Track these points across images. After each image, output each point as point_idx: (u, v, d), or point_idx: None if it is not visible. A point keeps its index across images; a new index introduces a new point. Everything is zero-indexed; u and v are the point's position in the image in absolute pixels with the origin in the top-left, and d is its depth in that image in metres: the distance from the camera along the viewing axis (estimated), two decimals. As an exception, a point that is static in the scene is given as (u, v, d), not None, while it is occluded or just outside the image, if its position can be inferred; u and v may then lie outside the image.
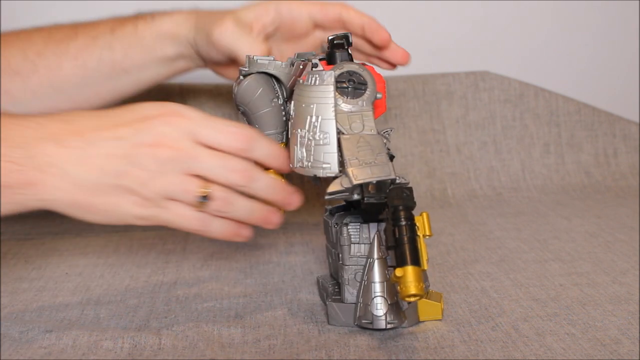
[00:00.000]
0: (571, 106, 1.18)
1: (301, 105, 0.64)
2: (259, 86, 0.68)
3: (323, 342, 0.64)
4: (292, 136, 0.65)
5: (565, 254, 0.85)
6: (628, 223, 0.96)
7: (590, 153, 1.17)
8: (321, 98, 0.63)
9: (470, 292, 0.74)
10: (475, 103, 1.16)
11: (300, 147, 0.64)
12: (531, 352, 0.61)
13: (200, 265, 0.83)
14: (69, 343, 0.64)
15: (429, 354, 0.61)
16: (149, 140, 0.59)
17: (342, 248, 0.66)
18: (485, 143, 1.16)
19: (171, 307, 0.71)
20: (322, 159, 0.63)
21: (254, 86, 0.68)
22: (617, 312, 0.68)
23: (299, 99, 0.64)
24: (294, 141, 0.65)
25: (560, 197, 1.10)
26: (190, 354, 0.62)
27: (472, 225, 0.96)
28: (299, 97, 0.64)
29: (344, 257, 0.66)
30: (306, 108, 0.63)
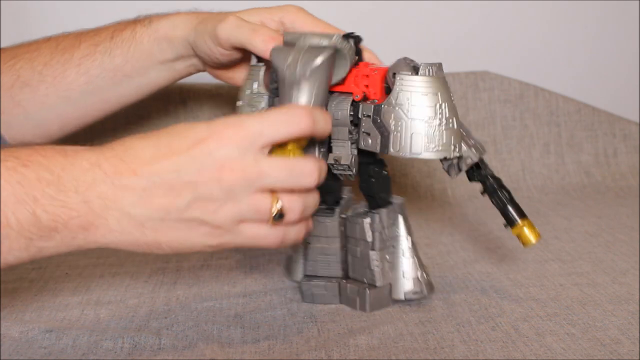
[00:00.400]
0: (571, 106, 1.18)
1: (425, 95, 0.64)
2: None
3: (323, 342, 0.64)
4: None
5: (565, 254, 0.85)
6: (628, 223, 0.96)
7: (590, 153, 1.17)
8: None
9: (470, 292, 0.74)
10: (475, 103, 1.16)
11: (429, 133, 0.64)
12: (531, 352, 0.61)
13: (200, 265, 0.83)
14: (69, 343, 0.64)
15: (429, 354, 0.61)
16: (210, 167, 0.55)
17: (375, 235, 0.70)
18: (485, 143, 1.16)
19: (171, 307, 0.71)
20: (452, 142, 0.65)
21: None
22: (617, 312, 0.68)
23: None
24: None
25: (560, 197, 1.10)
26: (190, 354, 0.62)
27: (472, 225, 0.96)
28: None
29: (376, 245, 0.69)
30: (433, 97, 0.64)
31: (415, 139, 0.64)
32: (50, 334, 0.66)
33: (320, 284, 0.71)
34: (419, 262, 0.71)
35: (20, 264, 0.55)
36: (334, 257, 0.71)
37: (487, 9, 1.20)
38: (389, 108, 0.65)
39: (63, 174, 0.54)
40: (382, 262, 0.70)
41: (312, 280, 0.71)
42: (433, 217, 1.01)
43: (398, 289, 0.70)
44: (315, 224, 0.69)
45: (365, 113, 0.66)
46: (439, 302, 0.71)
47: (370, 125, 0.66)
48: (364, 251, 0.70)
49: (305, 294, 0.72)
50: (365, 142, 0.67)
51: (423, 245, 0.89)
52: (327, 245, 0.71)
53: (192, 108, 1.08)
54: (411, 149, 0.64)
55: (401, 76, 0.65)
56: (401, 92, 0.64)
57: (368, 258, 0.70)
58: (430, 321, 0.67)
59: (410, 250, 0.71)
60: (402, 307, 0.70)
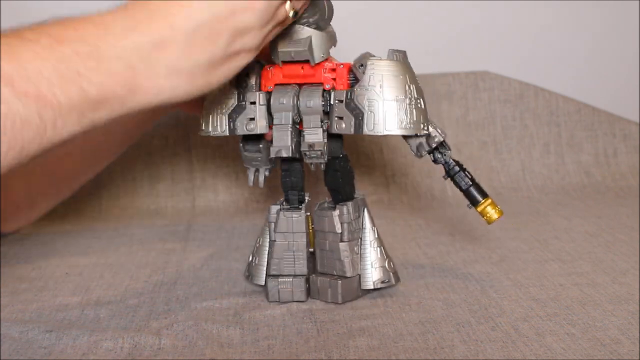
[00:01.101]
0: (571, 106, 1.18)
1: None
2: None
3: (322, 342, 0.64)
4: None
5: (565, 254, 0.85)
6: (628, 223, 0.96)
7: (590, 153, 1.17)
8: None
9: (470, 292, 0.74)
10: (475, 103, 1.16)
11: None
12: (531, 352, 0.61)
13: (200, 265, 0.83)
14: (69, 343, 0.64)
15: (429, 354, 0.61)
16: (243, 3, 0.57)
17: (344, 227, 0.72)
18: (485, 143, 1.16)
19: (171, 307, 0.71)
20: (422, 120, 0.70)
21: None
22: (617, 312, 0.68)
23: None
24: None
25: (560, 197, 1.10)
26: (190, 354, 0.62)
27: (472, 225, 0.96)
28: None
29: (345, 236, 0.71)
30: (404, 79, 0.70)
31: (389, 117, 0.68)
32: (50, 334, 0.66)
33: (287, 280, 0.72)
34: (385, 252, 0.74)
35: (74, 137, 0.54)
36: (300, 254, 0.72)
37: (487, 9, 1.20)
38: (362, 90, 0.69)
39: (101, 44, 0.53)
40: (351, 253, 0.72)
41: (279, 279, 0.72)
42: (433, 217, 1.01)
43: (367, 278, 0.73)
44: (281, 220, 0.71)
45: (337, 99, 0.70)
46: (439, 302, 0.72)
47: (342, 109, 0.69)
48: (333, 243, 0.72)
49: (270, 292, 0.72)
50: (338, 126, 0.70)
51: (423, 245, 0.89)
52: (294, 241, 0.72)
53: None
54: (385, 126, 0.68)
55: (372, 60, 0.69)
56: (373, 75, 0.69)
57: (338, 250, 0.72)
58: (430, 321, 0.67)
59: (377, 240, 0.74)
60: (402, 306, 0.71)
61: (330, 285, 0.72)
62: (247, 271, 0.75)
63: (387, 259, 0.74)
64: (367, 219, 0.74)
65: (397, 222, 0.99)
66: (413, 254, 0.86)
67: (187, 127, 1.09)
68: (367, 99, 0.68)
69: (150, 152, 1.11)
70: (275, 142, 0.70)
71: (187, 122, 1.09)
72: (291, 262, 0.72)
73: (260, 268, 0.73)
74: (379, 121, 0.68)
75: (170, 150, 1.10)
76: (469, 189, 0.74)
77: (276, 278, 0.72)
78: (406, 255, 0.85)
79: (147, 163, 1.11)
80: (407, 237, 0.92)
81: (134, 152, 1.08)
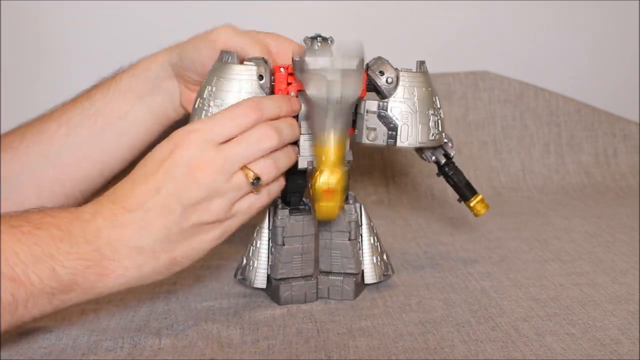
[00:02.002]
0: (571, 106, 1.18)
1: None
2: None
3: (322, 342, 0.64)
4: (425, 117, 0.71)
5: (565, 254, 0.85)
6: (628, 223, 0.96)
7: (590, 153, 1.17)
8: None
9: (470, 292, 0.74)
10: (475, 103, 1.16)
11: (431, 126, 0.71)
12: (531, 352, 0.61)
13: (200, 265, 0.83)
14: (69, 343, 0.64)
15: (429, 354, 0.61)
16: (182, 173, 0.60)
17: (351, 225, 0.73)
18: (485, 143, 1.16)
19: (171, 307, 0.71)
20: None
21: None
22: (617, 312, 0.68)
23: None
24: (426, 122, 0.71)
25: (560, 197, 1.10)
26: (190, 354, 0.62)
27: (472, 225, 0.96)
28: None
29: (352, 234, 0.73)
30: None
31: (422, 129, 0.70)
32: (50, 334, 0.66)
33: (299, 283, 0.72)
34: (381, 245, 0.75)
35: (44, 316, 0.59)
36: (309, 256, 0.72)
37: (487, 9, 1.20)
38: (396, 103, 0.70)
39: (72, 228, 0.59)
40: (355, 250, 0.73)
41: (291, 282, 0.71)
42: (433, 217, 1.01)
43: (369, 273, 0.74)
44: (292, 225, 0.71)
45: (369, 109, 0.70)
46: (439, 302, 0.72)
47: (375, 121, 0.70)
48: (340, 242, 0.72)
49: (283, 296, 0.71)
50: (369, 136, 0.70)
51: (423, 245, 0.89)
52: (305, 244, 0.72)
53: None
54: (418, 139, 0.70)
55: (404, 73, 0.70)
56: (407, 88, 0.70)
57: (346, 248, 0.72)
58: (430, 321, 0.67)
59: (376, 236, 0.75)
60: (402, 306, 0.71)
61: (343, 283, 0.72)
62: (240, 274, 0.74)
63: (384, 252, 0.75)
64: (364, 216, 0.74)
65: (397, 222, 0.99)
66: (413, 254, 0.86)
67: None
68: (402, 112, 0.70)
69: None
70: (306, 152, 0.69)
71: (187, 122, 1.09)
72: (300, 265, 0.72)
73: (260, 271, 0.73)
74: (412, 134, 0.70)
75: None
76: (466, 185, 0.77)
77: (288, 282, 0.71)
78: (406, 255, 0.85)
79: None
80: (407, 237, 0.92)
81: (134, 152, 1.08)
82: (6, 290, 0.55)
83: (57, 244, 0.58)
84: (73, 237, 0.58)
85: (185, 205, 0.60)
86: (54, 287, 0.57)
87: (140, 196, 0.60)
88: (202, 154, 0.61)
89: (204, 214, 0.61)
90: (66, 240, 0.58)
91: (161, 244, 0.61)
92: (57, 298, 0.58)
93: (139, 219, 0.60)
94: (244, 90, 0.66)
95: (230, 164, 0.61)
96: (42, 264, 0.57)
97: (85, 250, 0.59)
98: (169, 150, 0.61)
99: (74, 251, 0.58)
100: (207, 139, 0.61)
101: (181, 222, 0.61)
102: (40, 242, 0.57)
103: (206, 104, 0.67)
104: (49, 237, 0.57)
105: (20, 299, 0.56)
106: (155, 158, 0.62)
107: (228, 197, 0.62)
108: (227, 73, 0.67)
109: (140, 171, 0.62)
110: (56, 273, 0.57)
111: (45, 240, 0.57)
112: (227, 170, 0.61)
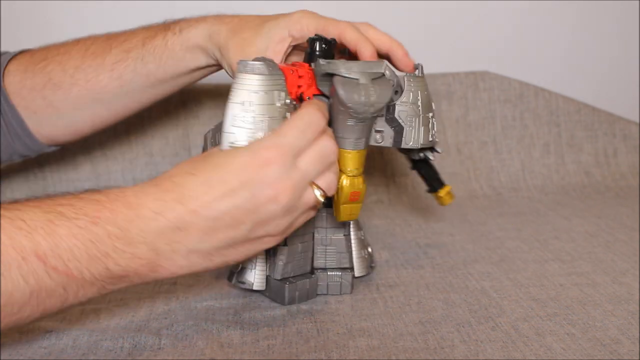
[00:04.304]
0: (571, 106, 1.18)
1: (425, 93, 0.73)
2: None
3: (322, 342, 0.64)
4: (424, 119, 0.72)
5: (565, 254, 0.85)
6: (628, 223, 0.96)
7: (590, 153, 1.17)
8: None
9: (470, 292, 0.74)
10: (475, 103, 1.16)
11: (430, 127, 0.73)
12: (531, 352, 0.61)
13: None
14: (69, 343, 0.64)
15: (429, 354, 0.61)
16: (265, 192, 0.58)
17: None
18: (485, 143, 1.16)
19: (171, 307, 0.71)
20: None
21: None
22: (617, 312, 0.68)
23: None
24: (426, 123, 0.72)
25: (560, 197, 1.10)
26: (190, 354, 0.62)
27: (472, 225, 0.96)
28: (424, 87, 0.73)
29: (346, 229, 0.74)
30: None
31: (424, 131, 0.72)
32: (50, 334, 0.66)
33: (303, 282, 0.72)
34: (366, 237, 0.78)
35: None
36: (308, 253, 0.73)
37: (487, 9, 1.20)
38: (403, 107, 0.71)
39: (130, 227, 0.57)
40: (350, 245, 0.74)
41: (294, 281, 0.72)
42: (433, 217, 1.01)
43: (359, 266, 0.75)
44: None
45: None
46: (439, 302, 0.72)
47: (383, 123, 0.72)
48: (335, 238, 0.74)
49: (289, 296, 0.71)
50: (377, 139, 0.72)
51: (423, 245, 0.89)
52: (305, 243, 0.72)
53: (191, 108, 1.08)
54: (421, 140, 0.72)
55: (409, 76, 0.72)
56: (412, 91, 0.71)
57: (342, 244, 0.74)
58: (430, 321, 0.67)
59: (362, 230, 0.76)
60: (402, 307, 0.71)
61: (341, 278, 0.73)
62: (237, 279, 0.72)
63: (369, 244, 0.77)
64: None
65: (397, 222, 0.99)
66: (413, 254, 0.86)
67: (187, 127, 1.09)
68: (408, 114, 0.71)
69: (151, 152, 1.11)
70: None
71: (187, 122, 1.09)
72: (300, 263, 0.72)
73: (260, 274, 0.72)
74: (418, 135, 0.72)
75: (170, 150, 1.10)
76: (436, 175, 0.82)
77: (291, 281, 0.72)
78: (406, 255, 0.85)
79: (147, 163, 1.11)
80: (407, 237, 0.92)
81: (134, 151, 1.08)
82: (58, 283, 0.55)
83: (113, 243, 0.56)
84: (130, 237, 0.57)
85: (258, 220, 0.59)
86: (106, 281, 0.57)
87: (214, 203, 0.58)
88: (287, 174, 0.59)
89: (271, 228, 0.60)
90: (123, 239, 0.57)
91: (221, 250, 0.60)
92: (106, 288, 0.58)
93: (207, 226, 0.58)
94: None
95: (305, 182, 0.60)
96: (96, 262, 0.56)
97: (141, 250, 0.57)
98: (251, 160, 0.58)
99: (130, 251, 0.57)
100: (291, 156, 0.59)
101: (248, 234, 0.60)
102: (97, 239, 0.56)
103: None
104: (106, 236, 0.56)
105: (71, 291, 0.56)
106: (237, 165, 0.59)
107: (297, 213, 0.61)
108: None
109: (215, 174, 0.59)
110: (109, 270, 0.57)
111: (102, 237, 0.56)
112: (302, 188, 0.60)
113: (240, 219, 0.59)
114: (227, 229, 0.59)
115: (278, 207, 0.59)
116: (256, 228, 0.60)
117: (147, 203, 0.58)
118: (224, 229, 0.59)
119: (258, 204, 0.58)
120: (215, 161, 0.59)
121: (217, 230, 0.59)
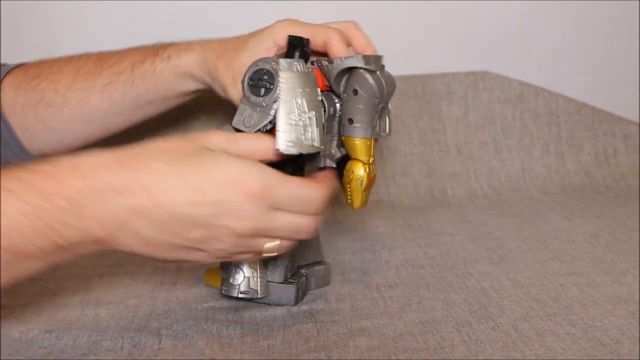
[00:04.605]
0: (571, 106, 1.18)
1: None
2: None
3: (322, 342, 0.64)
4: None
5: (565, 254, 0.85)
6: (628, 223, 0.96)
7: (590, 153, 1.17)
8: None
9: (470, 292, 0.74)
10: (475, 103, 1.16)
11: None
12: (531, 352, 0.61)
13: (200, 265, 0.83)
14: (69, 343, 0.64)
15: (429, 354, 0.61)
16: (230, 216, 0.58)
17: None
18: (485, 143, 1.16)
19: (171, 307, 0.71)
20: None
21: None
22: (617, 312, 0.68)
23: None
24: None
25: (560, 197, 1.10)
26: (190, 354, 0.62)
27: (472, 225, 0.96)
28: None
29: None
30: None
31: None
32: (50, 334, 0.66)
33: (302, 280, 0.72)
34: None
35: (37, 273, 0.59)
36: (295, 253, 0.73)
37: (487, 9, 1.20)
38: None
39: (84, 202, 0.56)
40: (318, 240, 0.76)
41: (298, 281, 0.72)
42: (433, 217, 1.01)
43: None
44: None
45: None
46: (439, 302, 0.72)
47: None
48: None
49: (295, 296, 0.71)
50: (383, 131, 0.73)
51: (423, 245, 0.89)
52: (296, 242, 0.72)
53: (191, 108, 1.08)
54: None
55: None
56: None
57: (316, 239, 0.75)
58: (430, 321, 0.67)
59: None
60: (402, 306, 0.71)
61: (324, 271, 0.75)
62: (238, 292, 0.69)
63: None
64: None
65: (397, 222, 0.99)
66: (413, 254, 0.86)
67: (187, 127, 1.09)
68: None
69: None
70: (326, 151, 0.70)
71: (187, 122, 1.09)
72: (292, 264, 0.72)
73: (262, 281, 0.70)
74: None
75: (170, 150, 1.10)
76: None
77: (294, 281, 0.71)
78: (406, 255, 0.85)
79: (147, 163, 1.11)
80: (407, 237, 0.92)
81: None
82: (5, 261, 0.56)
83: (62, 216, 0.56)
84: (82, 212, 0.56)
85: (205, 237, 0.59)
86: (53, 253, 0.57)
87: (181, 205, 0.57)
88: (259, 217, 0.59)
89: (211, 249, 0.60)
90: (72, 213, 0.56)
91: (162, 244, 0.59)
92: (52, 260, 0.58)
93: (162, 220, 0.58)
94: None
95: (267, 232, 0.60)
96: (43, 237, 0.55)
97: (92, 226, 0.57)
98: (237, 187, 0.58)
99: (80, 226, 0.56)
100: (271, 203, 0.59)
101: (191, 242, 0.59)
102: (45, 215, 0.55)
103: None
104: (54, 209, 0.55)
105: (18, 267, 0.57)
106: (219, 180, 0.58)
107: (241, 250, 0.61)
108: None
109: (195, 176, 0.58)
110: (56, 244, 0.56)
111: (50, 212, 0.55)
112: (261, 235, 0.60)
113: (193, 228, 0.58)
114: (177, 227, 0.58)
115: (231, 237, 0.59)
116: (203, 240, 0.59)
117: (105, 178, 0.57)
118: (175, 226, 0.58)
119: (217, 224, 0.58)
120: (200, 162, 0.58)
121: (169, 225, 0.58)
